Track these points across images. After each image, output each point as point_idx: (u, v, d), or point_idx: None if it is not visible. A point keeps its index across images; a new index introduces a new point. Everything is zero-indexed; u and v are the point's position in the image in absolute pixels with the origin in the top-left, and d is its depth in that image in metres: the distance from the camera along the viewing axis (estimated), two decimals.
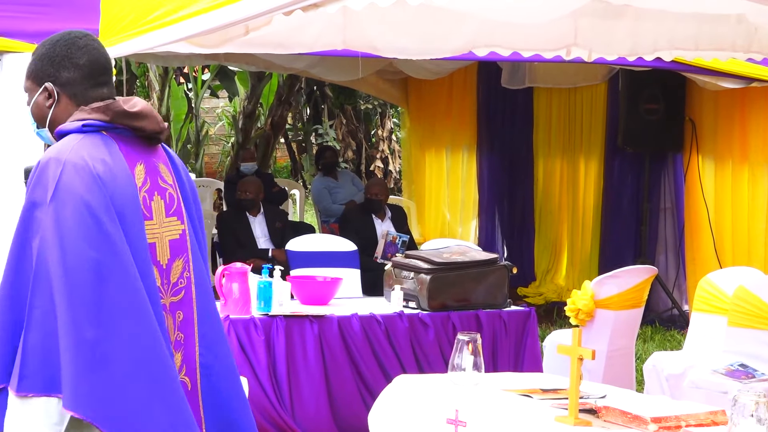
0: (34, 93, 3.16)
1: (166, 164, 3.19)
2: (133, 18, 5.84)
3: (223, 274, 6.22)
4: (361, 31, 6.45)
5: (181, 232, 3.17)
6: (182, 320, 3.13)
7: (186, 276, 3.16)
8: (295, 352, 6.20)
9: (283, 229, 9.84)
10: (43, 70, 3.13)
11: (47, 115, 3.14)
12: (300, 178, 20.86)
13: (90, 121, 3.02)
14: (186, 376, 3.12)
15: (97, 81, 3.13)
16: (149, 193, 3.08)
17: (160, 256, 3.08)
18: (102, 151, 2.99)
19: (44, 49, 3.15)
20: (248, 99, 17.21)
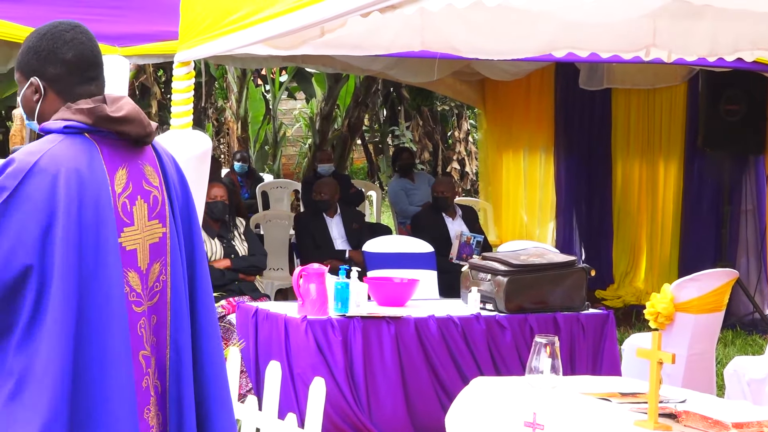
0: (22, 85, 3.08)
1: (153, 165, 3.11)
2: (211, 21, 5.88)
3: (301, 275, 6.23)
4: (438, 32, 6.44)
5: (161, 235, 3.08)
6: (155, 324, 3.05)
7: (162, 279, 3.07)
8: (372, 353, 6.21)
9: (360, 230, 9.86)
10: (29, 64, 3.06)
11: (35, 109, 3.06)
12: (377, 179, 20.89)
13: (72, 123, 2.93)
14: (158, 380, 3.06)
15: (85, 77, 3.04)
16: (130, 199, 3.00)
17: (141, 261, 3.01)
18: (78, 157, 2.90)
19: (31, 42, 3.08)
20: (325, 101, 17.28)
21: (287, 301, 8.00)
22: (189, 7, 6.16)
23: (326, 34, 5.82)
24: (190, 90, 6.40)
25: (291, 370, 6.07)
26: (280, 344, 6.15)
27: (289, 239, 10.84)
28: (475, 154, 19.93)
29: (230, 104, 19.17)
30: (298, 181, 15.99)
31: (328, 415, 5.44)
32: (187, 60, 6.33)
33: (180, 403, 3.08)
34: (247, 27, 5.52)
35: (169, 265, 3.08)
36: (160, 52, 6.78)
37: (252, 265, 8.14)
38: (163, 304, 3.06)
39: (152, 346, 3.03)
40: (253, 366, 6.40)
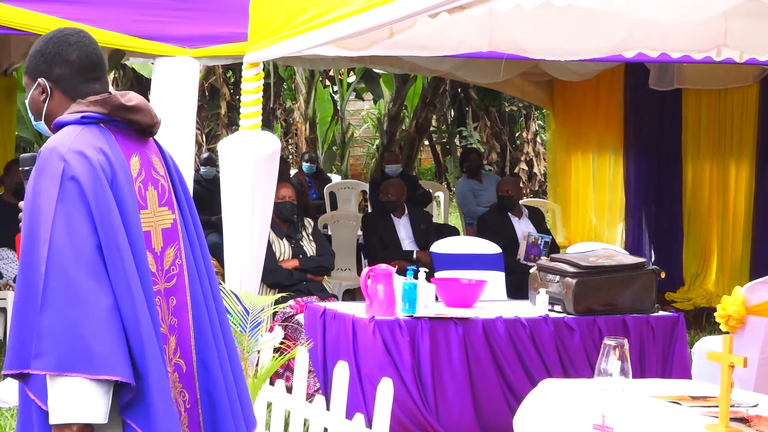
0: (30, 87, 3.26)
1: (158, 156, 3.32)
2: (281, 22, 5.92)
3: (369, 275, 6.24)
4: (506, 33, 6.42)
5: (172, 221, 3.28)
6: (176, 305, 3.23)
7: (178, 263, 3.26)
8: (439, 354, 6.20)
9: (428, 231, 9.85)
10: (37, 67, 3.24)
11: (42, 109, 3.26)
12: (444, 180, 20.87)
13: (89, 113, 3.12)
14: (181, 359, 3.23)
15: (89, 76, 3.22)
16: (144, 184, 3.20)
17: (154, 243, 3.19)
18: (101, 141, 3.09)
19: (38, 46, 3.26)
20: (393, 101, 17.30)
21: (355, 301, 8.02)
22: (258, 9, 6.20)
23: (395, 35, 5.83)
24: (259, 91, 6.45)
25: (359, 371, 6.08)
26: (348, 344, 6.17)
27: (357, 240, 10.87)
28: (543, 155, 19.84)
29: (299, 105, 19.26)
30: (365, 181, 16.02)
31: (395, 416, 5.44)
32: (256, 61, 6.38)
33: (208, 382, 3.26)
34: (316, 28, 5.54)
35: (182, 249, 3.29)
36: (229, 53, 6.83)
37: (320, 265, 8.17)
38: (182, 287, 3.26)
39: (171, 326, 3.21)
40: (321, 366, 6.42)
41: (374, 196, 11.99)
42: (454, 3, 4.58)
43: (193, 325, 3.27)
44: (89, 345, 2.88)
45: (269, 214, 6.56)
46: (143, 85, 15.51)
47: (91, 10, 6.56)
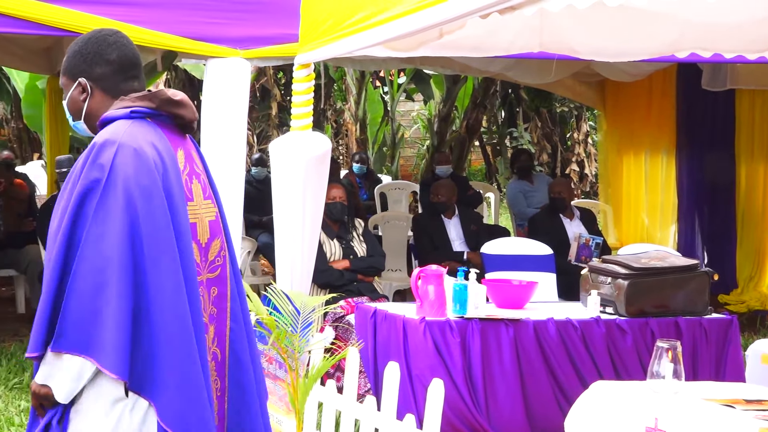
0: (69, 88, 3.32)
1: (195, 151, 3.41)
2: (331, 23, 5.93)
3: (419, 276, 6.24)
4: (557, 33, 6.39)
5: (216, 214, 3.39)
6: (216, 295, 3.32)
7: (222, 255, 3.36)
8: (490, 355, 6.18)
9: (478, 232, 9.84)
10: (77, 67, 3.30)
11: (82, 108, 3.32)
12: (495, 181, 20.84)
13: (137, 108, 3.20)
14: (217, 347, 3.32)
15: (128, 75, 3.29)
16: (189, 177, 3.29)
17: (200, 235, 3.27)
18: (151, 135, 3.16)
19: (77, 46, 3.32)
20: (443, 102, 17.28)
21: (405, 302, 8.02)
22: (309, 10, 6.22)
23: (445, 36, 5.82)
24: (310, 92, 6.46)
25: (409, 371, 6.08)
26: (399, 345, 6.17)
27: (407, 240, 10.87)
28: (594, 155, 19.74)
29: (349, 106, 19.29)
30: (416, 182, 16.02)
31: (446, 417, 5.43)
32: (307, 62, 6.39)
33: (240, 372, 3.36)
34: (367, 29, 5.54)
35: (226, 242, 3.40)
36: (280, 54, 6.85)
37: (370, 266, 8.17)
38: (224, 278, 3.35)
39: (211, 316, 3.29)
40: (372, 366, 6.43)
41: (425, 197, 11.99)
42: (506, 3, 4.57)
43: (230, 315, 3.35)
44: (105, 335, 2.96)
45: (320, 214, 6.57)
46: (195, 86, 15.61)
47: (143, 11, 6.61)
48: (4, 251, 10.16)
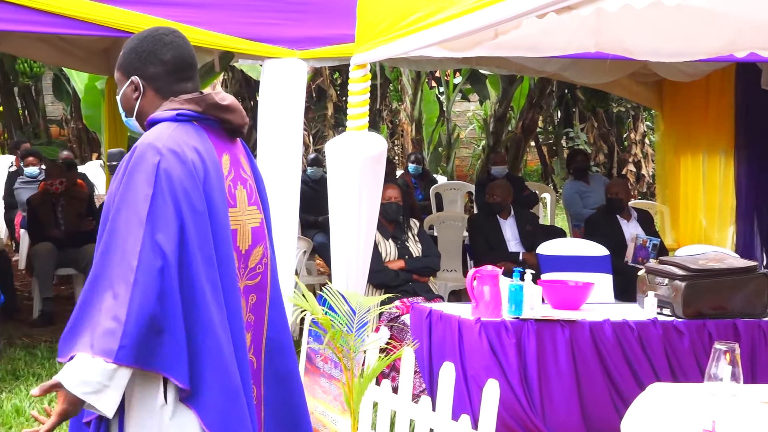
0: (122, 84, 3.29)
1: (244, 156, 3.36)
2: (387, 24, 5.94)
3: (475, 276, 6.23)
4: (614, 34, 6.36)
5: (260, 220, 3.32)
6: (255, 303, 3.28)
7: (264, 262, 3.30)
8: (546, 356, 6.16)
9: (534, 232, 9.81)
10: (131, 64, 3.27)
11: (134, 106, 3.29)
12: (550, 181, 20.76)
13: (183, 111, 3.16)
14: (253, 356, 3.28)
15: (182, 76, 3.26)
16: (233, 183, 3.24)
17: (240, 242, 3.22)
18: (195, 139, 3.12)
19: (133, 43, 3.29)
20: (499, 102, 17.24)
21: (461, 302, 8.01)
22: (365, 11, 6.24)
23: (500, 36, 5.81)
24: (366, 92, 6.48)
25: (464, 372, 6.08)
26: (454, 345, 6.16)
27: (463, 241, 10.86)
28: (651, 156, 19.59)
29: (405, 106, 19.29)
30: (471, 182, 15.99)
31: (501, 418, 5.42)
32: (364, 63, 6.41)
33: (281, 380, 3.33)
34: (423, 29, 5.55)
35: (269, 249, 3.33)
36: (336, 55, 6.88)
37: (426, 266, 8.17)
38: (264, 286, 3.30)
39: (248, 323, 3.25)
40: (427, 367, 6.43)
41: (480, 197, 11.97)
42: (563, 3, 4.56)
43: (268, 324, 3.32)
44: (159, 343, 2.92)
45: (375, 214, 6.58)
46: (252, 86, 15.67)
47: (201, 12, 6.66)
48: (64, 250, 10.29)
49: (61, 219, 10.61)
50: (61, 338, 2.96)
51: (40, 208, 10.63)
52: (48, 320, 10.14)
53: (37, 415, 2.99)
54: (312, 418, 5.52)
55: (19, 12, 6.28)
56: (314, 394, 5.75)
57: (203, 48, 6.91)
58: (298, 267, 9.28)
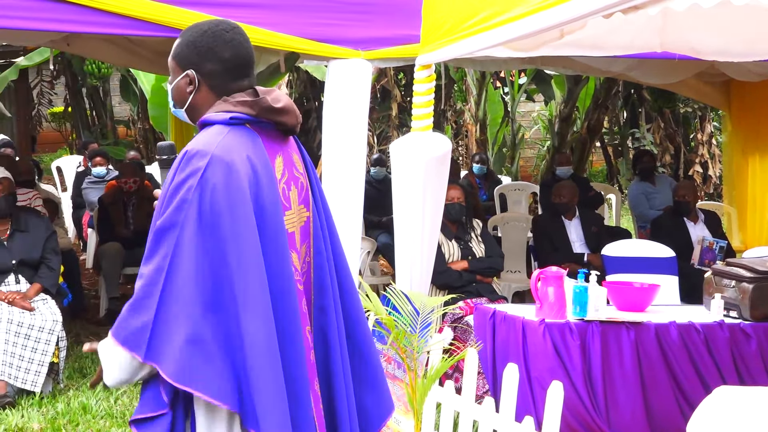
0: (176, 75, 3.22)
1: (297, 154, 3.30)
2: (452, 24, 5.93)
3: (539, 277, 6.21)
4: (680, 33, 6.30)
5: (306, 219, 3.27)
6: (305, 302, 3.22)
7: (307, 260, 3.25)
8: (610, 358, 6.12)
9: (599, 233, 9.74)
10: (188, 57, 3.20)
11: (187, 100, 3.22)
12: (616, 182, 20.61)
13: (237, 114, 3.09)
14: None
15: (238, 74, 3.19)
16: (287, 185, 3.19)
17: (297, 243, 3.20)
18: (247, 146, 3.06)
19: (192, 36, 3.21)
20: (564, 103, 17.15)
21: (524, 303, 7.98)
22: (431, 11, 6.23)
23: (565, 36, 5.78)
24: (430, 93, 6.47)
25: (528, 373, 6.06)
26: (518, 347, 6.15)
27: (527, 242, 10.81)
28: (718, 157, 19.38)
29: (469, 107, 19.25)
30: (536, 183, 15.92)
31: (565, 419, 5.40)
32: (429, 63, 6.40)
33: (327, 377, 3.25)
34: (488, 30, 5.53)
35: (312, 247, 3.27)
36: (401, 55, 6.88)
37: (489, 266, 8.15)
38: (308, 284, 3.25)
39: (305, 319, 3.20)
40: (490, 368, 6.41)
41: (545, 198, 11.91)
42: (629, 3, 4.52)
43: (313, 321, 3.26)
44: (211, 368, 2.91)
45: (440, 215, 6.58)
46: (316, 87, 15.73)
47: (266, 13, 6.69)
48: (132, 250, 10.38)
49: (131, 218, 10.72)
50: None
51: (111, 206, 10.74)
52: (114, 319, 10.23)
53: None
54: None
55: (88, 14, 6.35)
56: None
57: (268, 49, 6.94)
58: (361, 267, 9.29)
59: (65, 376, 7.96)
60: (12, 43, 9.91)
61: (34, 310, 7.66)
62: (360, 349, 3.40)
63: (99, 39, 9.22)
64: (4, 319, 7.49)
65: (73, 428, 6.76)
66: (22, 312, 7.61)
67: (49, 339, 7.58)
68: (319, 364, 3.25)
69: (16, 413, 7.05)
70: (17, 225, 8.06)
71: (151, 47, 9.92)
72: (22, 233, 8.04)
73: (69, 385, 7.85)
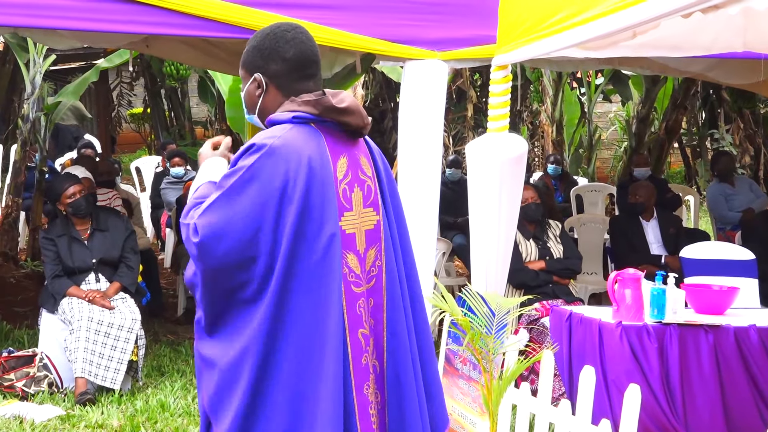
0: (246, 81, 3.30)
1: (366, 156, 3.32)
2: (529, 24, 5.90)
3: (616, 279, 6.16)
4: (762, 33, 6.21)
5: (376, 222, 3.27)
6: (373, 306, 3.23)
7: (378, 264, 3.26)
8: (688, 362, 6.05)
9: (677, 235, 9.64)
10: (254, 62, 3.28)
11: (257, 104, 3.29)
12: (694, 183, 20.38)
13: (300, 113, 3.16)
14: (376, 360, 3.24)
15: (303, 74, 3.25)
16: (350, 186, 3.22)
17: (359, 245, 3.21)
18: (308, 143, 3.13)
19: (255, 41, 3.29)
20: (642, 103, 16.98)
21: (601, 305, 7.92)
22: (507, 12, 6.21)
23: (638, 36, 5.73)
24: (507, 93, 6.45)
25: (605, 376, 6.01)
26: (594, 349, 6.10)
27: (604, 243, 10.74)
28: None
29: (545, 107, 19.15)
30: (612, 184, 15.80)
31: (642, 423, 5.34)
32: (505, 63, 6.38)
33: (399, 383, 3.26)
34: (565, 30, 5.50)
35: (383, 251, 3.28)
36: (477, 56, 6.87)
37: (567, 267, 8.11)
38: (379, 288, 3.26)
39: (370, 327, 3.23)
40: (567, 370, 6.37)
41: (622, 199, 11.82)
42: (708, 2, 4.47)
43: (387, 326, 3.27)
44: None
45: (515, 216, 6.56)
46: (392, 88, 15.75)
47: (342, 15, 6.71)
48: None
49: None
50: None
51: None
52: (192, 318, 10.34)
53: None
54: (450, 420, 5.53)
55: (167, 16, 6.41)
56: (453, 395, 5.76)
57: (344, 50, 6.96)
58: (437, 268, 9.29)
59: (144, 374, 8.05)
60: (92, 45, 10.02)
61: (113, 309, 7.76)
62: (422, 359, 3.40)
63: (177, 41, 9.32)
64: (84, 317, 7.60)
65: (152, 425, 6.84)
66: (102, 310, 7.72)
67: (129, 337, 7.68)
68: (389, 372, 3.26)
69: (96, 410, 7.15)
70: (97, 224, 8.18)
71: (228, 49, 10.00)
72: (102, 233, 8.15)
73: (147, 383, 7.94)
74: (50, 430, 6.78)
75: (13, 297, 11.40)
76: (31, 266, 13.01)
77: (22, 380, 7.60)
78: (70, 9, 6.26)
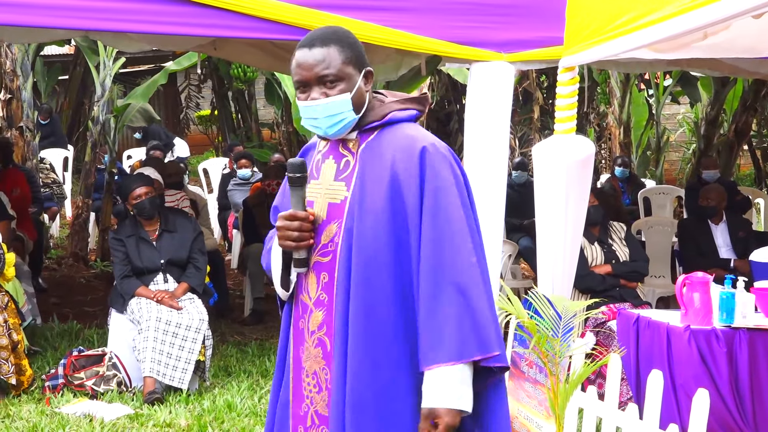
0: (354, 79, 3.15)
1: None
2: (596, 26, 5.87)
3: (684, 283, 6.10)
4: None
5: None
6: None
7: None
8: (758, 367, 5.98)
9: (747, 238, 9.53)
10: (359, 57, 3.17)
11: (365, 101, 3.19)
12: (764, 186, 20.13)
13: (415, 112, 3.24)
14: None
15: None
16: None
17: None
18: None
19: (350, 38, 3.19)
20: (711, 105, 16.82)
21: (669, 309, 7.85)
22: (575, 13, 6.18)
23: (709, 37, 5.67)
24: (574, 95, 6.42)
25: (673, 380, 5.95)
26: (662, 353, 6.05)
27: (672, 246, 10.64)
28: None
29: (612, 109, 19.02)
30: (680, 187, 15.66)
31: (711, 428, 5.29)
32: (572, 65, 6.35)
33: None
34: (633, 31, 5.46)
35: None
36: (544, 57, 6.83)
37: (633, 270, 8.04)
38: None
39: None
40: (634, 374, 6.32)
41: (690, 201, 11.71)
42: None
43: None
44: None
45: (582, 218, 6.52)
46: (458, 90, 15.73)
47: (408, 16, 6.71)
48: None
49: None
50: None
51: (256, 208, 10.91)
52: (259, 319, 10.42)
53: None
54: (516, 423, 5.51)
55: (235, 19, 6.45)
56: (519, 398, 5.73)
57: (411, 52, 6.96)
58: (503, 271, 9.27)
59: (211, 374, 8.11)
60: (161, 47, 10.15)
61: (181, 309, 7.83)
62: None
63: (245, 43, 9.38)
64: (153, 317, 7.68)
65: (219, 425, 6.89)
66: (170, 311, 7.79)
67: (196, 337, 7.74)
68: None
69: (164, 409, 7.21)
70: (165, 225, 8.26)
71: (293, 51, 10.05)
72: (170, 234, 8.23)
73: (214, 383, 8.00)
74: (119, 428, 6.86)
75: (83, 297, 11.56)
76: (100, 267, 13.18)
77: (92, 379, 7.69)
78: (140, 12, 6.33)
